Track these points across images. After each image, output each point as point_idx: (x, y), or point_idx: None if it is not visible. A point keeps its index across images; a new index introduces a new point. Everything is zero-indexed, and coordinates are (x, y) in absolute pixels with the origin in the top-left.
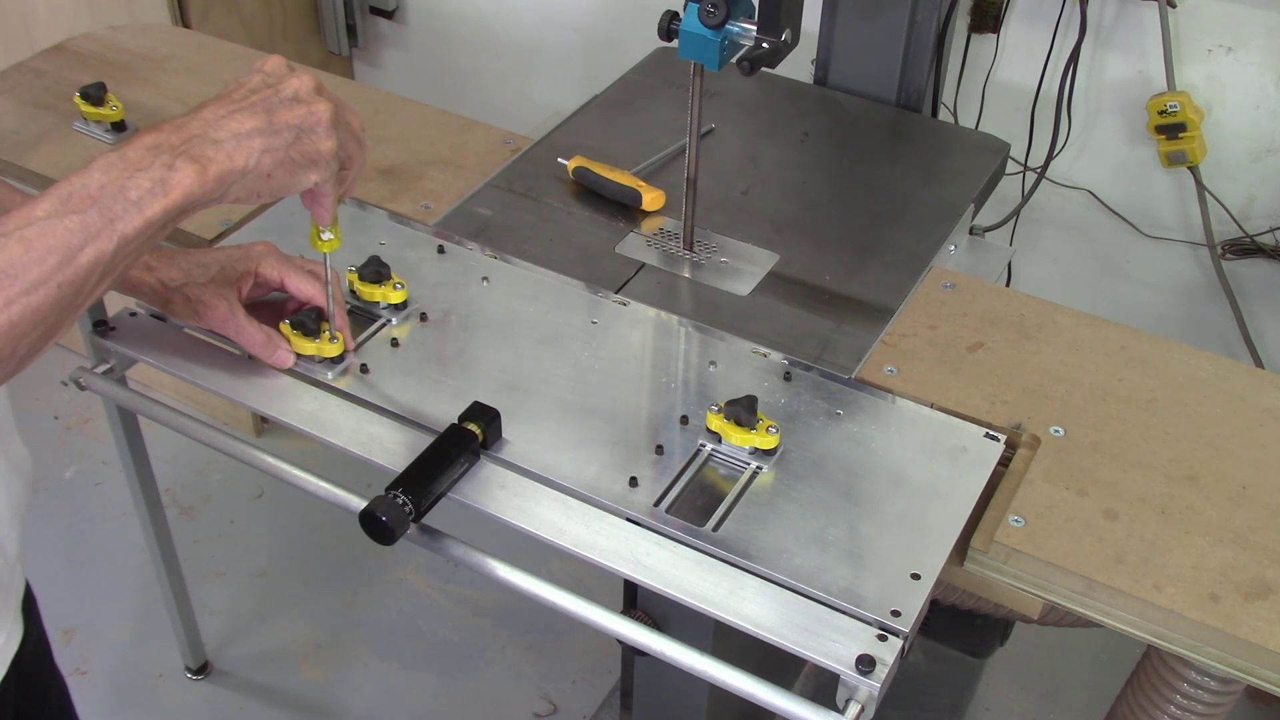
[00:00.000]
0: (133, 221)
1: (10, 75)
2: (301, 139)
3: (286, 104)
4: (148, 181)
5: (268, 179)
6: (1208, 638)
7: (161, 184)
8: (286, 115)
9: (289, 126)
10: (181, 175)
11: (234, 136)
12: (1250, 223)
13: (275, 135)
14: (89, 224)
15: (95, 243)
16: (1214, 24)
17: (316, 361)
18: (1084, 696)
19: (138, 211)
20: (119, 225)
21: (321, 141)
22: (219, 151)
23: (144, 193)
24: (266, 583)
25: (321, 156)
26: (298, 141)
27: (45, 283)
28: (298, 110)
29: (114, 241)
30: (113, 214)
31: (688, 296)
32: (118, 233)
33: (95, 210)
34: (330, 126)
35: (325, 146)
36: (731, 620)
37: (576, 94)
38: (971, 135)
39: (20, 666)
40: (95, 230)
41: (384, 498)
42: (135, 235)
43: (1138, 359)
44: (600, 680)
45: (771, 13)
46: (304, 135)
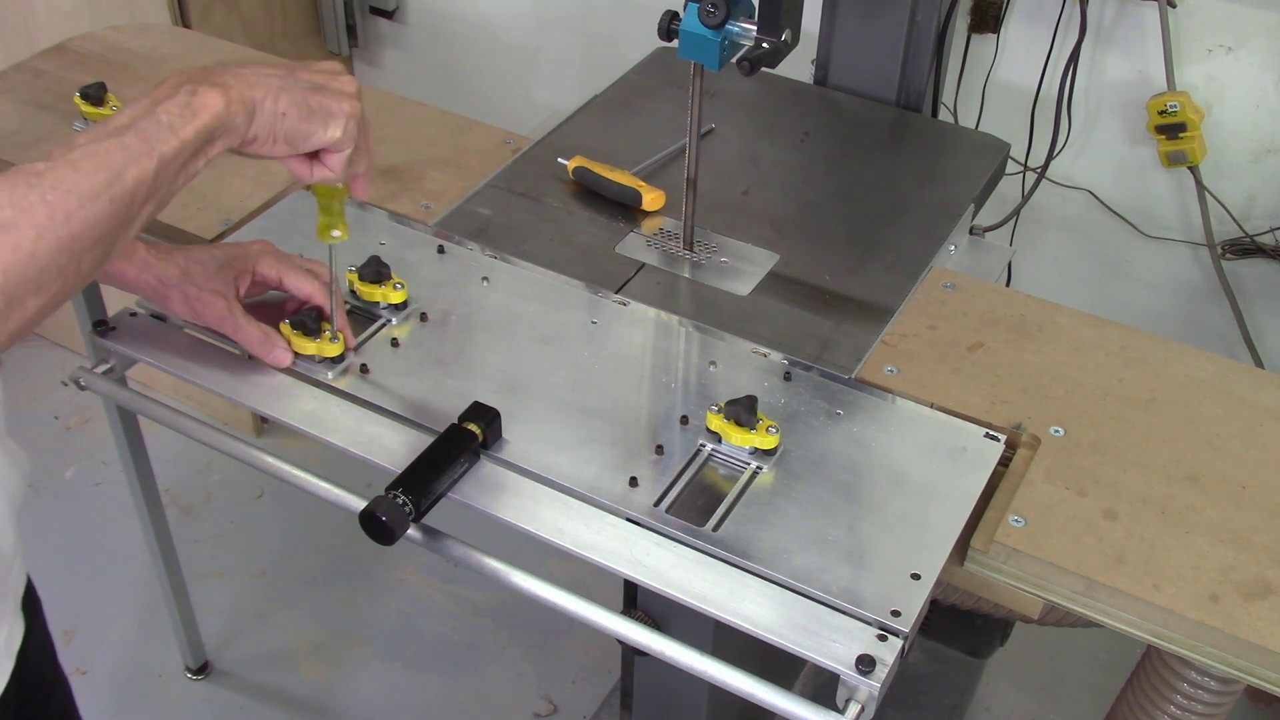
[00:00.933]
0: (169, 141)
1: (10, 75)
2: (320, 92)
3: (310, 69)
4: (175, 107)
5: (283, 117)
6: (1208, 638)
7: (189, 107)
8: (308, 75)
9: (309, 82)
10: (205, 98)
11: (255, 74)
12: (1250, 223)
13: (295, 82)
14: (128, 146)
15: (138, 162)
16: (1214, 24)
17: (316, 361)
18: (1084, 696)
19: (171, 133)
20: (156, 145)
21: (342, 100)
22: (239, 80)
23: (174, 116)
24: (266, 583)
25: (341, 112)
26: (316, 92)
27: (98, 197)
28: (321, 75)
29: (154, 159)
30: (148, 135)
31: (688, 296)
32: (156, 152)
33: (132, 134)
34: (353, 94)
35: (345, 105)
36: (731, 620)
37: (576, 94)
38: (971, 135)
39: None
40: (136, 151)
41: (384, 498)
42: (173, 156)
43: (1138, 359)
44: (600, 680)
45: (771, 13)
46: (323, 91)
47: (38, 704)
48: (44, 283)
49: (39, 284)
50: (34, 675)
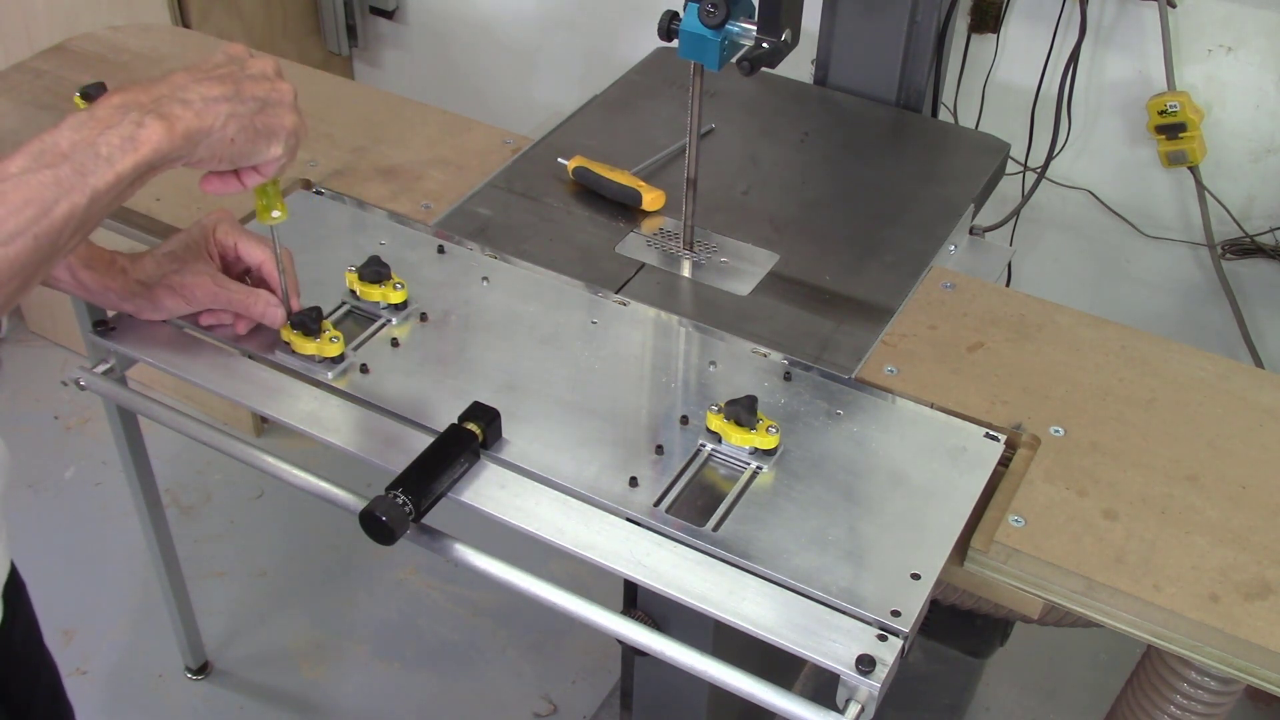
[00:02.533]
0: (104, 176)
1: (10, 75)
2: (265, 110)
3: (253, 79)
4: (117, 138)
5: (231, 143)
6: (1208, 638)
7: (131, 140)
8: (253, 88)
9: (254, 98)
10: (150, 131)
11: (202, 99)
12: (1250, 223)
13: (241, 103)
14: (62, 179)
15: (69, 197)
16: (1214, 24)
17: (316, 361)
18: (1084, 696)
19: (109, 167)
20: (91, 180)
21: (285, 115)
22: (187, 110)
23: (114, 149)
24: (266, 583)
25: (284, 129)
26: (262, 112)
27: (22, 234)
28: (263, 85)
29: (87, 195)
30: (85, 169)
31: (688, 296)
32: (90, 187)
33: (68, 166)
34: (293, 105)
35: (288, 121)
36: (731, 620)
37: (576, 94)
38: (971, 135)
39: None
40: (69, 185)
41: (384, 498)
42: (107, 190)
43: (1138, 359)
44: (600, 680)
45: (771, 13)
46: (268, 108)
47: (24, 686)
48: None
49: None
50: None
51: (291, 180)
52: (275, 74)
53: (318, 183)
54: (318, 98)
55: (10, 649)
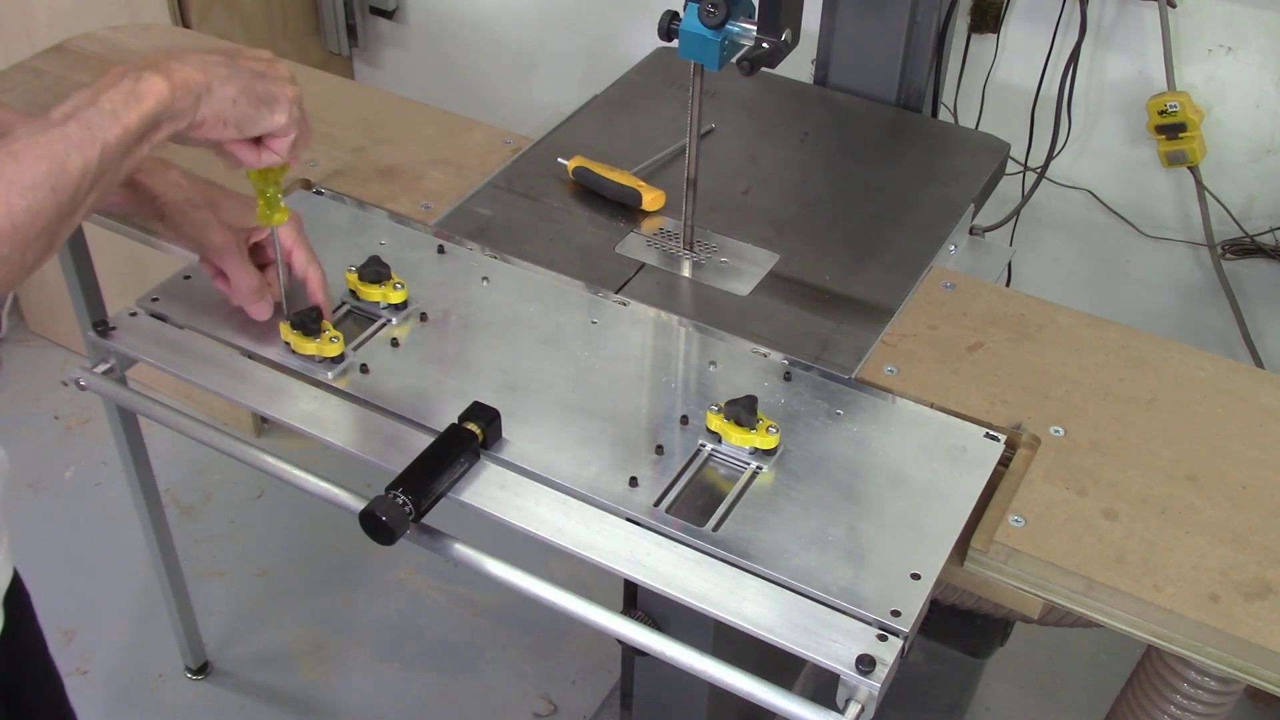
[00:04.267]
0: (112, 129)
1: (10, 75)
2: (263, 79)
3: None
4: (119, 94)
5: (233, 104)
6: (1208, 638)
7: (133, 94)
8: (249, 63)
9: (250, 70)
10: (150, 84)
11: (198, 60)
12: (1250, 223)
13: (238, 70)
14: (70, 135)
15: (80, 151)
16: (1214, 24)
17: (316, 361)
18: (1084, 696)
19: (114, 120)
20: (99, 134)
21: (285, 86)
22: (184, 65)
23: (117, 104)
24: (266, 583)
25: (285, 98)
26: (260, 79)
27: (39, 186)
28: (259, 62)
29: (97, 148)
30: (91, 124)
31: (688, 296)
32: (99, 140)
33: (74, 123)
34: (290, 79)
35: (289, 91)
36: (731, 620)
37: (576, 94)
38: (971, 135)
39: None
40: (78, 140)
41: (384, 498)
42: (116, 143)
43: (1138, 359)
44: (600, 680)
45: (771, 13)
46: (265, 77)
47: (30, 698)
48: None
49: None
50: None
51: (291, 180)
52: (274, 59)
53: (318, 183)
54: (318, 98)
55: (15, 658)
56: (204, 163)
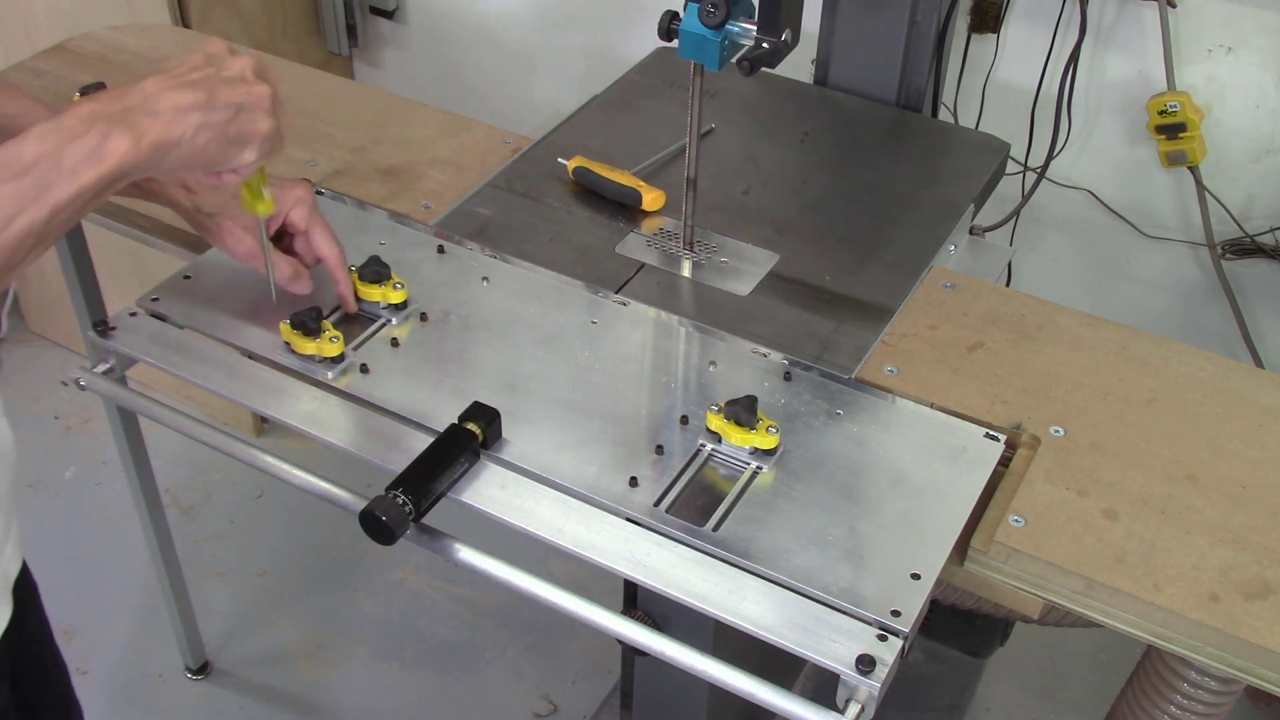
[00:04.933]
0: (67, 189)
1: (10, 75)
2: (240, 116)
3: (229, 83)
4: (84, 149)
5: (202, 152)
6: (1208, 638)
7: (97, 152)
8: (228, 93)
9: (229, 104)
10: (116, 143)
11: (172, 109)
12: (1250, 223)
13: (214, 111)
14: (23, 193)
15: (29, 211)
16: (1214, 24)
17: (316, 361)
18: (1084, 696)
19: (72, 179)
20: (53, 193)
21: (260, 121)
22: (156, 121)
23: (79, 160)
24: (266, 583)
25: (258, 135)
26: (236, 119)
27: None
28: (239, 89)
29: (47, 209)
30: (47, 182)
31: (688, 296)
32: (51, 200)
33: (30, 179)
34: (270, 109)
35: (263, 126)
36: (731, 620)
37: (576, 94)
38: (971, 135)
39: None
40: (29, 199)
41: (384, 498)
42: (69, 203)
43: (1138, 359)
44: (600, 680)
45: (771, 13)
46: (243, 113)
47: (35, 686)
48: None
49: None
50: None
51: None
52: (253, 75)
53: (318, 183)
54: (318, 98)
55: (23, 646)
56: None
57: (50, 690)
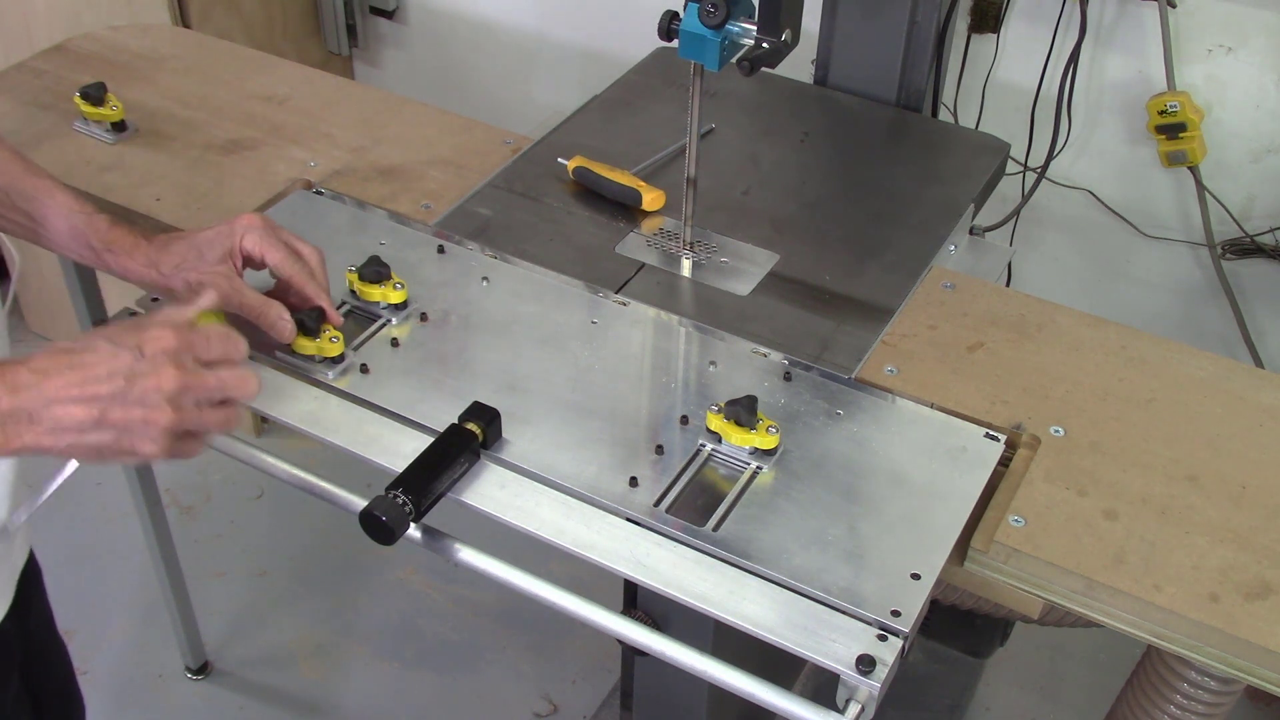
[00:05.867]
0: None
1: (10, 75)
2: (122, 440)
3: (127, 404)
4: None
5: (64, 454)
6: (1208, 638)
7: None
8: (121, 415)
9: (116, 427)
10: None
11: (53, 423)
12: (1250, 223)
13: (96, 433)
14: None
15: None
16: (1214, 24)
17: (316, 361)
18: (1084, 696)
19: None
20: None
21: (143, 446)
22: (31, 429)
23: None
24: (266, 583)
25: (136, 455)
26: (117, 441)
27: None
28: (134, 413)
29: None
30: None
31: (688, 296)
32: None
33: None
34: (160, 435)
35: (144, 449)
36: (731, 620)
37: (576, 94)
38: (971, 135)
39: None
40: None
41: (384, 498)
42: None
43: (1138, 359)
44: (600, 680)
45: (771, 13)
46: (126, 437)
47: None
48: None
49: None
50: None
51: (292, 180)
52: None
53: (318, 183)
54: (318, 98)
55: (28, 634)
56: None
57: (54, 680)
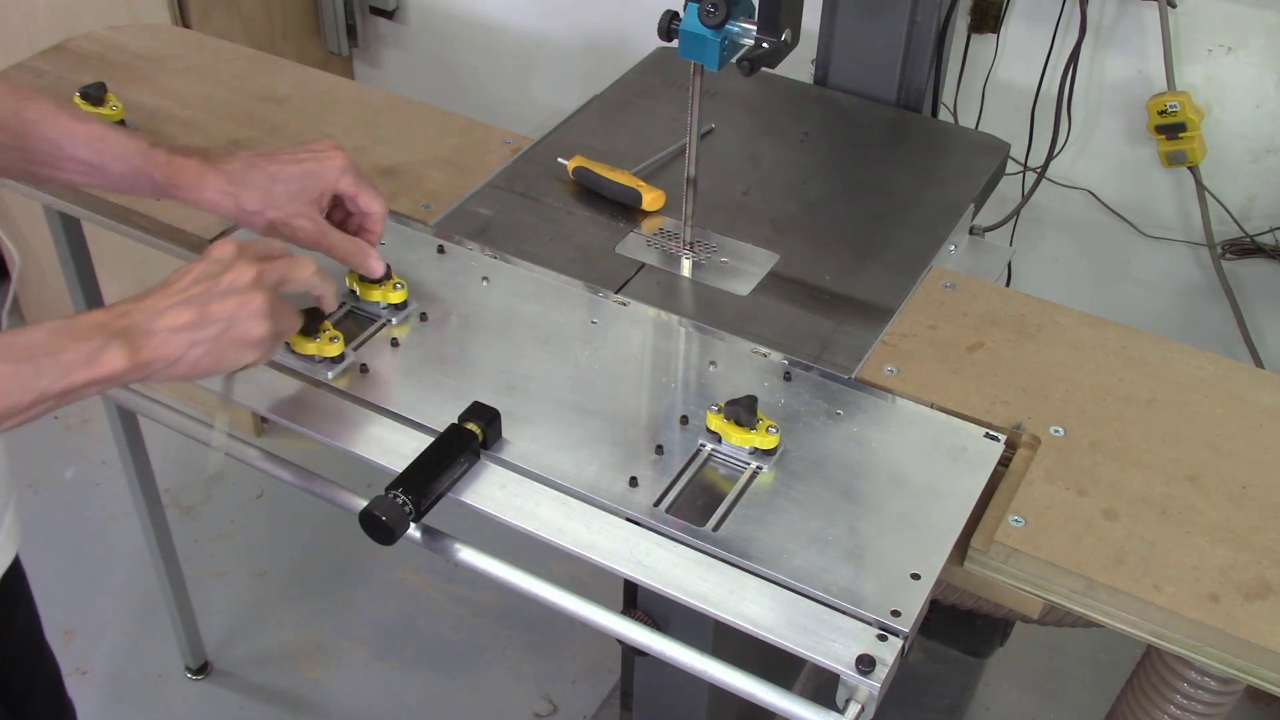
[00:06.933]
0: (58, 383)
1: (10, 75)
2: (233, 328)
3: (222, 296)
4: (83, 353)
5: (195, 365)
6: (1208, 638)
7: (93, 358)
8: (219, 308)
9: (221, 318)
10: (112, 355)
11: (166, 329)
12: (1250, 223)
13: (206, 328)
14: (19, 375)
15: (14, 394)
16: (1214, 24)
17: (316, 361)
18: (1084, 696)
19: (65, 376)
20: (44, 382)
21: (253, 329)
22: (150, 341)
23: (76, 361)
24: (266, 583)
25: (252, 342)
26: (229, 330)
27: None
28: (230, 303)
29: (33, 394)
30: (42, 371)
31: (688, 296)
32: (40, 388)
33: (29, 365)
34: (264, 315)
35: (256, 333)
36: (731, 620)
37: (576, 94)
38: (971, 135)
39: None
40: (22, 383)
41: (384, 498)
42: (57, 395)
43: (1138, 359)
44: (600, 680)
45: (771, 13)
46: (235, 325)
47: (22, 681)
48: None
49: None
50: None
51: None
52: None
53: None
54: (318, 98)
55: (7, 644)
56: None
57: (39, 689)
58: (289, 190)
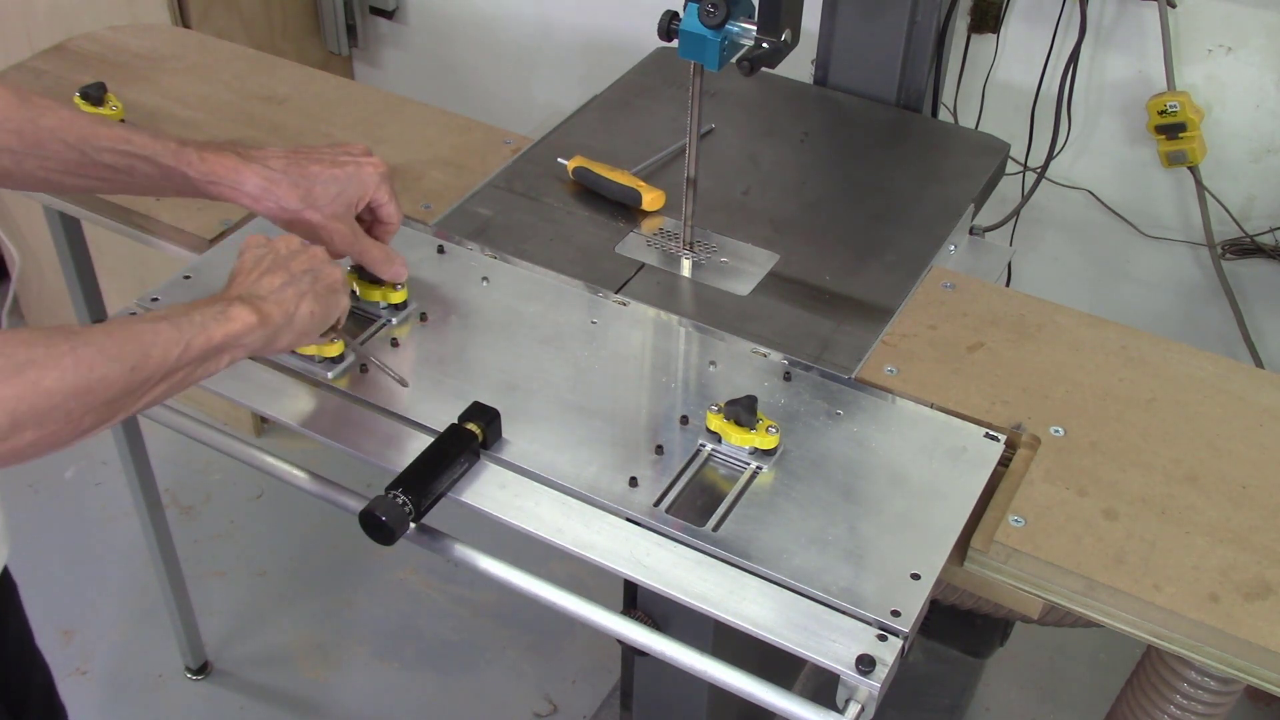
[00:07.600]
0: (198, 336)
1: (10, 75)
2: (320, 277)
3: (292, 256)
4: (211, 311)
5: (309, 319)
6: (1208, 638)
7: (223, 314)
8: (297, 264)
9: (306, 270)
10: (239, 311)
11: (270, 291)
12: (1250, 223)
13: (300, 281)
14: (160, 330)
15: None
16: (1214, 24)
17: (316, 361)
18: (1084, 696)
19: (202, 329)
20: (186, 335)
21: (334, 272)
22: (264, 304)
23: (208, 318)
24: (266, 583)
25: (339, 284)
26: (318, 279)
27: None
28: (302, 258)
29: (181, 346)
30: (181, 326)
31: (688, 296)
32: (185, 340)
33: (166, 323)
34: (330, 260)
35: (338, 274)
36: (731, 620)
37: (576, 94)
38: (971, 135)
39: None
40: (166, 336)
41: (384, 498)
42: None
43: (1138, 359)
44: (600, 680)
45: (771, 13)
46: (319, 273)
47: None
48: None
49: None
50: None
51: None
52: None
53: None
54: (318, 98)
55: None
56: None
57: (33, 694)
58: (329, 193)
